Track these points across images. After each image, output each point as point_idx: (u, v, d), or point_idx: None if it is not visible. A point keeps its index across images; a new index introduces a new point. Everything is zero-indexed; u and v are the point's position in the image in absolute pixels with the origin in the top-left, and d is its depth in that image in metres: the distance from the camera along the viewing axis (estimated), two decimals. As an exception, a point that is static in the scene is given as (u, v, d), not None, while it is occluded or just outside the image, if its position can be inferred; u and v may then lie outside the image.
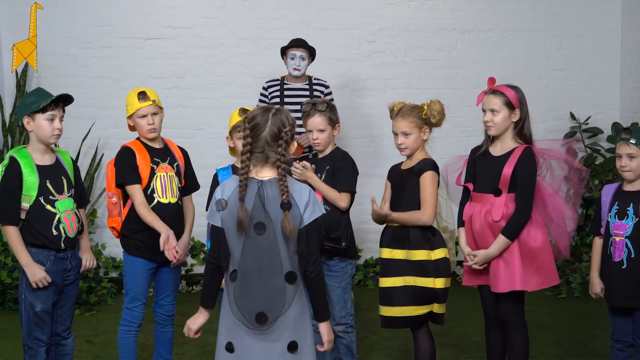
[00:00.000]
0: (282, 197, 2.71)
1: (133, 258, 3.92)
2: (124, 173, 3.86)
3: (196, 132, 6.38)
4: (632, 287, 3.59)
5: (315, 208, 2.80)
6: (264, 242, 2.74)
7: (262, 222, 2.73)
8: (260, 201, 2.73)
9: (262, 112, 2.78)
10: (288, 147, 2.77)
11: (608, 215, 3.69)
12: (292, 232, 2.71)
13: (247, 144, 2.75)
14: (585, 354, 4.74)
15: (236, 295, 2.78)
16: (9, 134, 6.09)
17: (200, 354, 4.81)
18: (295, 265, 2.79)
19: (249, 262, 2.76)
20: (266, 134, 2.74)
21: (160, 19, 6.37)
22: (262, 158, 2.76)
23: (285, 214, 2.71)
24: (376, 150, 6.59)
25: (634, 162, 3.61)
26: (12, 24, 6.12)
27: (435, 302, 3.63)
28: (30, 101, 3.63)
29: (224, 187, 2.83)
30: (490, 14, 6.71)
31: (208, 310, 2.94)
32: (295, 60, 5.53)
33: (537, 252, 3.61)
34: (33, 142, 3.66)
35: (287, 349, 2.78)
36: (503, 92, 3.65)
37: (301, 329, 2.83)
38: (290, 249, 2.76)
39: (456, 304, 5.64)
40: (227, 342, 2.83)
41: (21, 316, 3.67)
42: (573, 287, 6.03)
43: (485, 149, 3.75)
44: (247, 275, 2.76)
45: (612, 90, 6.87)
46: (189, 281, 6.42)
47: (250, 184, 2.75)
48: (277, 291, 2.76)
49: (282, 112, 2.79)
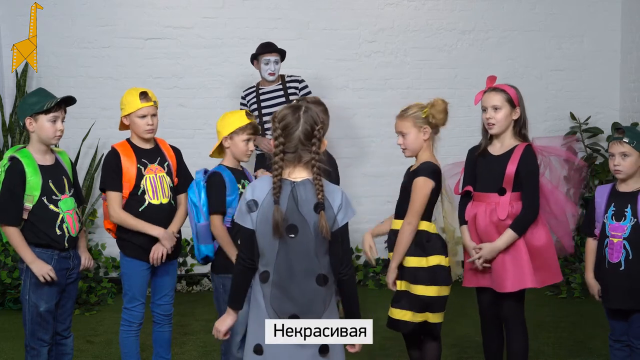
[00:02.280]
0: (318, 196, 2.65)
1: (129, 259, 3.92)
2: (106, 178, 3.90)
3: (196, 132, 6.38)
4: (630, 289, 3.57)
5: (348, 211, 2.75)
6: (298, 245, 2.68)
7: (295, 225, 2.67)
8: (295, 203, 2.67)
9: (292, 111, 2.69)
10: (321, 145, 2.70)
11: (604, 217, 3.67)
12: (328, 233, 2.65)
13: (279, 144, 2.67)
14: (585, 354, 4.74)
15: (272, 297, 2.73)
16: (9, 134, 6.09)
17: (201, 354, 4.81)
18: (326, 267, 2.74)
19: (279, 265, 2.71)
20: (299, 132, 2.66)
21: (160, 19, 6.37)
22: (294, 158, 2.69)
23: (321, 214, 2.65)
24: (376, 151, 6.59)
25: (626, 161, 3.59)
26: (12, 24, 6.12)
27: (428, 310, 3.56)
28: (33, 102, 3.63)
29: (254, 187, 2.75)
30: (490, 14, 6.71)
31: (236, 312, 2.89)
32: (270, 65, 5.54)
33: (541, 250, 3.63)
34: (34, 142, 3.67)
35: (318, 352, 2.74)
36: (504, 90, 3.66)
37: None
38: (321, 251, 2.71)
39: (456, 304, 5.64)
40: (256, 344, 2.77)
41: (24, 317, 3.67)
42: (573, 287, 6.03)
43: (484, 149, 3.75)
44: (282, 278, 2.71)
45: (612, 90, 6.87)
46: (189, 281, 6.42)
47: (283, 186, 2.69)
48: (313, 294, 2.71)
49: (312, 110, 2.70)
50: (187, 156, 6.36)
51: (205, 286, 6.39)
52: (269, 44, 5.62)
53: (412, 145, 3.61)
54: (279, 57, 5.60)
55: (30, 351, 3.66)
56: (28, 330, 3.65)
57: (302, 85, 5.67)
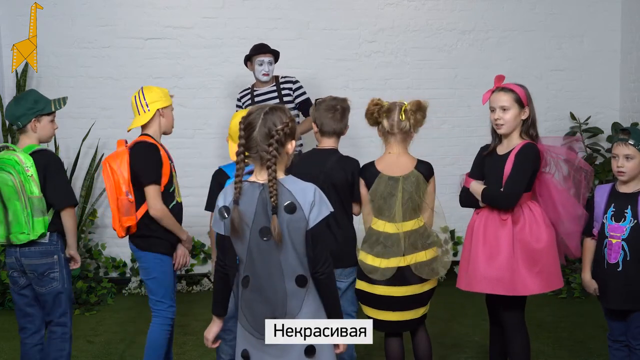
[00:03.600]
0: (271, 199, 2.60)
1: (162, 256, 3.86)
2: (150, 171, 3.76)
3: (196, 132, 6.37)
4: (627, 290, 3.57)
5: (322, 208, 2.69)
6: (269, 247, 2.67)
7: (267, 227, 2.64)
8: (263, 205, 2.65)
9: (256, 111, 2.68)
10: (281, 146, 2.65)
11: (603, 217, 3.66)
12: (280, 236, 2.62)
13: (240, 144, 2.66)
14: (585, 354, 4.74)
15: (245, 302, 2.74)
16: (9, 134, 6.09)
17: (200, 354, 4.81)
18: (306, 268, 2.72)
19: (255, 268, 2.70)
20: (257, 133, 2.64)
21: (160, 19, 6.37)
22: (256, 159, 2.67)
23: (273, 218, 2.60)
24: (376, 151, 6.57)
25: (630, 163, 3.57)
26: (12, 24, 6.12)
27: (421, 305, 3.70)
28: (33, 102, 3.70)
29: (226, 193, 2.75)
30: (490, 14, 6.71)
31: (221, 318, 2.90)
32: (264, 67, 5.54)
33: (540, 254, 3.58)
34: (31, 141, 3.73)
35: (303, 353, 2.73)
36: (512, 90, 3.63)
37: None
38: (299, 251, 2.69)
39: (456, 304, 5.64)
40: (243, 350, 2.78)
41: (62, 306, 3.82)
42: (573, 287, 6.03)
43: (493, 149, 3.73)
44: (256, 281, 2.71)
45: (612, 90, 6.87)
46: (189, 281, 6.42)
47: (251, 188, 2.68)
48: (284, 296, 2.69)
49: (276, 111, 2.67)
50: (187, 156, 6.41)
51: (205, 286, 6.39)
52: (262, 45, 5.62)
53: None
54: (273, 58, 5.60)
55: (65, 329, 3.84)
56: (67, 316, 3.84)
57: (296, 86, 5.66)
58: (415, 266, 3.62)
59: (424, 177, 3.66)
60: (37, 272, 3.75)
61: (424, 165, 3.70)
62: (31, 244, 3.72)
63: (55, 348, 3.84)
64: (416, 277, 3.63)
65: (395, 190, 3.62)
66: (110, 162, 3.78)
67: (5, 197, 3.69)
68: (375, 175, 3.66)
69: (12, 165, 3.64)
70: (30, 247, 3.72)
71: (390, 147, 3.71)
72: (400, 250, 3.60)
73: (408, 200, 3.62)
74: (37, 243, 3.72)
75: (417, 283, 3.64)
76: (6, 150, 3.73)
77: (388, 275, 3.60)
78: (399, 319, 3.70)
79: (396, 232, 3.61)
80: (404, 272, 3.61)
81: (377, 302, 3.67)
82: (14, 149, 3.72)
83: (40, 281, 3.76)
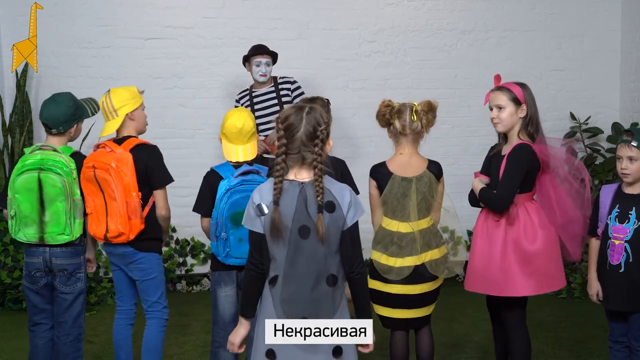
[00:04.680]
0: (317, 198, 2.62)
1: (159, 257, 3.95)
2: (165, 174, 3.85)
3: (196, 132, 6.37)
4: (629, 292, 3.56)
5: (358, 209, 2.73)
6: (309, 246, 2.65)
7: (307, 226, 2.64)
8: (304, 204, 2.65)
9: (295, 112, 2.68)
10: (324, 146, 2.68)
11: (608, 218, 3.64)
12: (324, 236, 2.63)
13: (282, 145, 2.65)
14: (585, 354, 4.74)
15: (282, 301, 2.70)
16: (9, 134, 6.09)
17: (200, 354, 4.80)
18: (336, 267, 2.72)
19: (295, 267, 2.67)
20: (301, 134, 2.64)
21: (160, 19, 6.37)
22: (298, 159, 2.67)
23: (318, 217, 2.62)
24: (376, 151, 6.57)
25: (634, 165, 3.55)
26: (12, 24, 6.12)
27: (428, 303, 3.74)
28: (75, 107, 3.84)
29: (262, 191, 2.72)
30: (490, 14, 6.71)
31: (249, 320, 2.84)
32: (261, 67, 5.55)
33: (533, 256, 3.59)
34: (63, 142, 3.84)
35: (331, 354, 2.72)
36: (509, 88, 3.66)
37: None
38: (332, 250, 2.69)
39: (456, 304, 5.64)
40: (269, 349, 2.73)
41: (77, 308, 3.86)
42: (573, 287, 6.03)
43: (498, 150, 3.76)
44: (293, 281, 2.68)
45: (612, 90, 6.87)
46: (189, 281, 6.42)
47: (291, 187, 2.67)
48: (324, 296, 2.68)
49: (316, 110, 2.69)
50: (187, 156, 6.41)
51: (205, 286, 6.39)
52: (260, 45, 5.63)
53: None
54: (271, 59, 5.61)
55: (81, 337, 3.91)
56: (82, 317, 3.89)
57: (294, 86, 5.67)
58: (430, 264, 3.65)
59: (435, 177, 3.68)
60: (67, 271, 3.77)
61: (434, 165, 3.73)
62: (65, 245, 3.74)
63: (73, 349, 3.87)
64: (430, 274, 3.67)
65: (409, 191, 3.63)
66: (121, 165, 3.72)
67: (47, 198, 3.67)
68: (387, 176, 3.66)
69: (61, 166, 3.68)
70: (63, 247, 3.75)
71: (401, 148, 3.71)
72: (417, 249, 3.63)
73: (422, 201, 3.64)
74: (70, 243, 3.76)
75: (431, 280, 3.69)
76: (47, 151, 3.73)
77: (404, 274, 3.62)
78: (414, 316, 3.74)
79: (411, 232, 3.63)
80: (418, 270, 3.64)
81: (393, 301, 3.69)
82: (55, 149, 3.74)
83: (68, 280, 3.79)
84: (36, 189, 3.66)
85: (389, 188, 3.64)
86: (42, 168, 3.66)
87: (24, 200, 3.68)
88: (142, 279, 3.89)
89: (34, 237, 3.72)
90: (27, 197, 3.67)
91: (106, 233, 3.76)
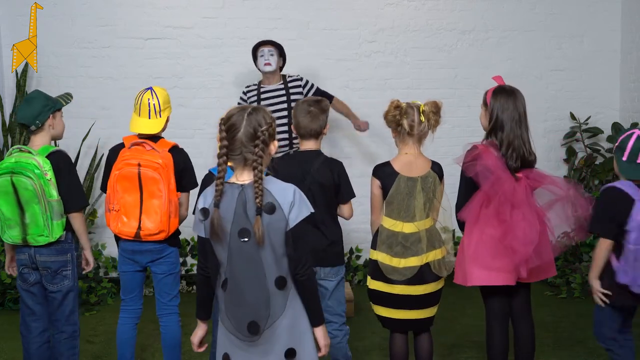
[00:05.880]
0: (256, 200, 2.58)
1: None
2: (193, 177, 4.02)
3: (196, 132, 6.38)
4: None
5: (302, 208, 2.68)
6: (250, 249, 2.63)
7: (247, 228, 2.61)
8: (243, 206, 2.62)
9: (238, 112, 2.65)
10: (266, 147, 2.64)
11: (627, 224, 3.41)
12: (261, 239, 2.59)
13: (223, 146, 2.62)
14: (585, 354, 4.74)
15: (227, 305, 2.71)
16: (9, 134, 6.09)
17: (200, 354, 4.80)
18: (285, 269, 2.69)
19: (236, 270, 2.66)
20: (242, 134, 2.61)
21: (160, 19, 6.37)
22: (240, 160, 2.65)
23: (256, 219, 2.58)
24: (376, 151, 6.59)
25: None
26: (12, 24, 6.12)
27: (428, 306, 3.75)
28: (45, 99, 3.77)
29: (206, 195, 2.73)
30: (490, 14, 6.71)
31: (205, 322, 2.90)
32: (265, 56, 5.54)
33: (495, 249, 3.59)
34: (45, 140, 3.77)
35: (284, 356, 2.71)
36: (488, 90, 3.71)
37: (297, 334, 2.74)
38: (278, 253, 2.66)
39: (456, 304, 5.64)
40: (224, 354, 2.77)
41: (70, 305, 3.86)
42: (573, 287, 6.03)
43: None
44: (236, 284, 2.67)
45: (612, 90, 6.87)
46: (188, 281, 6.42)
47: (230, 189, 2.65)
48: (266, 298, 2.65)
49: (259, 111, 2.66)
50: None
51: (205, 286, 6.39)
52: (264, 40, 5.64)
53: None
54: (274, 48, 5.58)
55: (75, 334, 3.91)
56: (76, 314, 3.90)
57: (304, 82, 5.68)
58: (433, 264, 3.66)
59: (438, 177, 3.71)
60: (50, 269, 3.77)
61: (437, 165, 3.75)
62: (48, 244, 3.75)
63: (68, 347, 3.88)
64: (433, 275, 3.68)
65: (414, 191, 3.63)
66: (168, 165, 3.85)
67: (23, 200, 3.68)
68: (392, 176, 3.66)
69: (32, 169, 3.64)
70: (47, 246, 3.75)
71: (407, 148, 3.70)
72: (422, 249, 3.64)
73: (427, 201, 3.65)
74: (53, 242, 3.75)
75: (434, 281, 3.69)
76: (23, 153, 3.72)
77: (408, 275, 3.63)
78: (416, 317, 3.74)
79: (416, 231, 3.64)
80: (422, 270, 3.65)
81: (395, 302, 3.69)
82: (29, 151, 3.71)
83: (53, 279, 3.79)
84: (12, 192, 3.66)
85: (395, 188, 3.64)
86: (13, 171, 3.65)
87: (4, 203, 3.70)
88: (168, 272, 3.99)
89: (18, 239, 3.75)
90: (6, 200, 3.69)
91: (139, 230, 3.80)
